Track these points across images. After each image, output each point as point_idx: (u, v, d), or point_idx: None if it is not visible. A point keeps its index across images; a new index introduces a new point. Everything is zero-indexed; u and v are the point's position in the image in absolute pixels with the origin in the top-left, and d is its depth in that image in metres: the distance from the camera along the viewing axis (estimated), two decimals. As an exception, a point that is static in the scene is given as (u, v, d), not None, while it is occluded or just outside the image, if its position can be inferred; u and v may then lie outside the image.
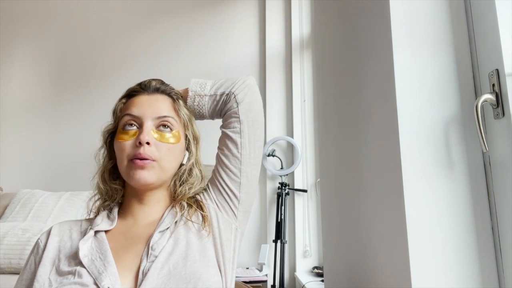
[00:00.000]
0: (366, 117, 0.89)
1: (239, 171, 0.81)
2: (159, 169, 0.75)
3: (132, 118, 0.77)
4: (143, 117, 0.76)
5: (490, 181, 0.69)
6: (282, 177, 2.42)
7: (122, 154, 0.75)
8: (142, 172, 0.73)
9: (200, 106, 0.86)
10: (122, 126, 0.77)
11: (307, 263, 2.32)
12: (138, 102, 0.79)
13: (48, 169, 2.64)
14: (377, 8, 0.82)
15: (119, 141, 0.76)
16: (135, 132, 0.76)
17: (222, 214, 0.80)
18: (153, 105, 0.78)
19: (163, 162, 0.76)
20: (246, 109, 0.83)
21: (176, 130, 0.79)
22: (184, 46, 2.82)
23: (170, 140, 0.77)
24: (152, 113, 0.77)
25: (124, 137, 0.76)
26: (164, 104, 0.80)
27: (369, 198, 0.87)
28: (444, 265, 0.66)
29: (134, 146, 0.74)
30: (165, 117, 0.78)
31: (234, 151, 0.81)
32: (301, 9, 2.66)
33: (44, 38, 2.92)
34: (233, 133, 0.82)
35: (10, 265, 1.69)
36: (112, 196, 0.80)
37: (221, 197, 0.81)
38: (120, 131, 0.77)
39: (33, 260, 0.73)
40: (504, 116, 0.65)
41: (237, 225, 0.81)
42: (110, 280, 0.64)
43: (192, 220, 0.77)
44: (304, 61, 2.58)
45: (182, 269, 0.67)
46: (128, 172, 0.74)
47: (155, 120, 0.77)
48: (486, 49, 0.70)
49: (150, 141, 0.74)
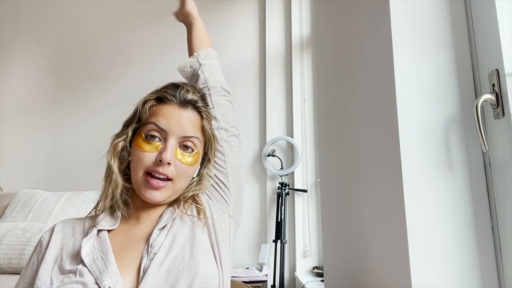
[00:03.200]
0: (366, 117, 0.89)
1: (224, 162, 0.85)
2: (172, 189, 0.75)
3: (158, 129, 0.74)
4: (169, 132, 0.74)
5: (490, 181, 0.69)
6: (282, 177, 2.42)
7: (139, 164, 0.73)
8: (154, 193, 0.73)
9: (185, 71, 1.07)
10: (145, 133, 0.75)
11: (307, 263, 2.32)
12: (167, 113, 0.76)
13: (48, 169, 2.64)
14: (377, 8, 0.82)
15: (140, 150, 0.74)
16: (158, 146, 0.74)
17: (213, 203, 0.82)
18: (182, 121, 0.76)
19: (177, 182, 0.76)
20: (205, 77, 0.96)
21: (196, 151, 0.78)
22: (184, 46, 2.80)
23: (189, 161, 0.77)
24: (179, 131, 0.75)
25: (146, 147, 0.74)
26: (192, 123, 0.78)
27: (369, 198, 0.87)
28: (444, 265, 0.66)
29: (154, 161, 0.73)
30: (190, 138, 0.76)
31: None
32: (301, 9, 2.66)
33: (44, 38, 2.92)
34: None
35: (10, 265, 1.69)
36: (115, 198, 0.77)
37: (211, 188, 0.84)
38: (142, 139, 0.75)
39: (35, 258, 0.74)
40: (504, 116, 0.65)
41: (230, 213, 0.83)
42: (111, 280, 0.65)
43: (188, 213, 0.78)
44: (304, 61, 2.58)
45: (180, 263, 0.68)
46: (141, 186, 0.74)
47: (180, 138, 0.75)
48: (486, 49, 0.70)
49: (171, 161, 0.73)
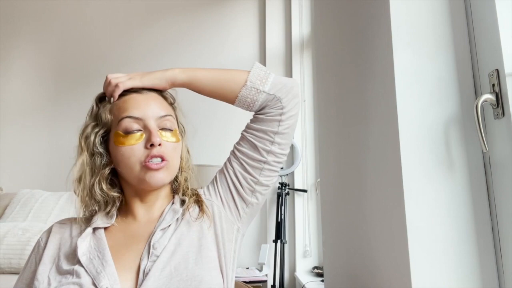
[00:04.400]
0: (366, 117, 0.89)
1: (255, 183, 0.79)
2: (169, 169, 0.74)
3: (134, 120, 0.73)
4: (146, 118, 0.73)
5: (490, 181, 0.69)
6: (282, 177, 2.42)
7: (131, 160, 0.72)
8: (157, 175, 0.72)
9: (253, 101, 0.79)
10: (122, 130, 0.73)
11: (307, 263, 2.32)
12: (134, 102, 0.75)
13: (48, 169, 2.64)
14: (377, 8, 0.82)
15: (125, 147, 0.72)
16: (141, 135, 0.72)
17: (226, 213, 0.79)
18: (151, 104, 0.75)
19: (172, 162, 0.75)
20: (288, 123, 0.79)
21: (175, 128, 0.78)
22: (184, 46, 2.82)
23: (173, 139, 0.76)
24: (154, 113, 0.74)
25: (130, 141, 0.72)
26: (161, 103, 0.78)
27: (369, 198, 0.87)
28: (444, 265, 0.66)
29: (144, 149, 0.72)
30: (165, 116, 0.76)
31: (257, 163, 0.78)
32: (301, 9, 2.66)
33: (44, 38, 2.91)
34: (262, 149, 0.78)
35: (10, 265, 1.69)
36: (111, 203, 0.76)
37: (229, 195, 0.79)
38: (121, 135, 0.72)
39: (33, 259, 0.73)
40: (504, 116, 0.65)
41: (239, 226, 0.80)
42: (109, 280, 0.63)
43: (193, 216, 0.76)
44: (304, 61, 2.58)
45: (183, 270, 0.66)
46: (142, 176, 0.72)
47: (157, 120, 0.75)
48: (486, 49, 0.70)
49: (161, 142, 0.72)
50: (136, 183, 0.74)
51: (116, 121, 0.74)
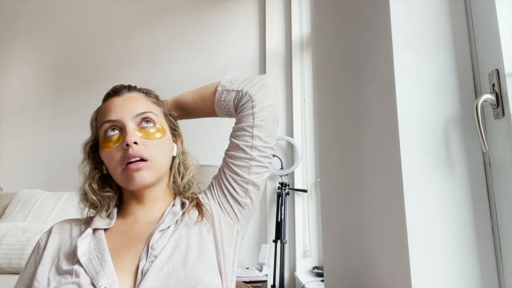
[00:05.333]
0: (366, 117, 0.89)
1: (246, 181, 0.80)
2: (153, 168, 0.74)
3: (112, 123, 0.74)
4: (122, 119, 0.74)
5: (490, 181, 0.69)
6: (282, 177, 2.42)
7: (113, 162, 0.73)
8: (138, 175, 0.72)
9: (227, 102, 0.84)
10: (103, 134, 0.75)
11: (307, 263, 2.32)
12: (112, 106, 0.76)
13: (48, 169, 2.64)
14: (377, 8, 0.82)
15: (106, 150, 0.74)
16: (118, 137, 0.73)
17: (224, 216, 0.80)
18: (128, 104, 0.76)
19: (155, 160, 0.74)
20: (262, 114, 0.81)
21: (159, 124, 0.77)
22: (183, 45, 2.82)
23: (156, 135, 0.76)
24: (130, 113, 0.75)
25: (108, 145, 0.73)
26: (139, 101, 0.78)
27: (369, 198, 0.87)
28: (444, 265, 0.66)
29: (121, 150, 0.72)
30: (144, 113, 0.76)
31: (244, 162, 0.80)
32: (301, 9, 2.66)
33: (44, 38, 2.91)
34: (244, 146, 0.80)
35: (10, 265, 1.69)
36: (106, 204, 0.77)
37: (225, 199, 0.80)
38: (103, 140, 0.75)
39: (33, 260, 0.73)
40: (504, 116, 0.65)
41: (238, 228, 0.80)
42: (108, 280, 0.64)
43: (192, 219, 0.76)
44: (304, 61, 2.58)
45: (181, 271, 0.66)
46: (125, 178, 0.73)
47: (135, 118, 0.75)
48: (486, 49, 0.70)
49: (137, 141, 0.72)
50: (123, 184, 0.75)
51: (98, 128, 0.77)
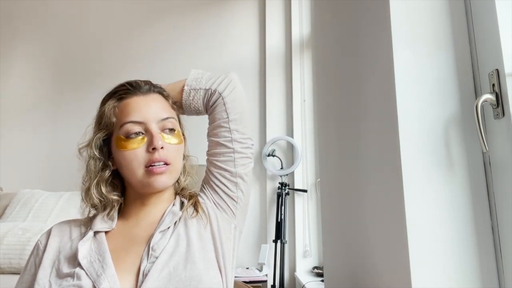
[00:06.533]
0: (366, 117, 0.89)
1: (234, 174, 0.82)
2: (174, 172, 0.75)
3: (136, 124, 0.73)
4: (147, 121, 0.74)
5: (490, 181, 0.69)
6: (282, 177, 2.42)
7: (133, 164, 0.72)
8: (160, 178, 0.72)
9: (197, 101, 0.85)
10: (124, 134, 0.73)
11: (307, 263, 2.32)
12: (135, 105, 0.75)
13: (48, 169, 2.64)
14: (377, 8, 0.82)
15: (128, 151, 0.72)
16: (142, 138, 0.73)
17: (221, 213, 0.80)
18: (152, 107, 0.76)
19: (176, 164, 0.76)
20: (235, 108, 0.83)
21: (177, 130, 0.79)
22: (183, 46, 2.82)
23: (176, 141, 0.77)
24: (155, 116, 0.75)
25: (132, 145, 0.72)
26: (162, 104, 0.78)
27: (369, 198, 0.87)
28: (444, 265, 0.66)
29: (145, 152, 0.72)
30: (167, 119, 0.76)
31: (228, 156, 0.82)
32: (301, 9, 2.66)
33: (44, 37, 2.91)
34: (225, 141, 0.82)
35: (10, 265, 1.69)
36: (110, 206, 0.76)
37: (218, 197, 0.81)
38: (123, 140, 0.73)
39: (33, 262, 0.73)
40: (504, 116, 0.65)
41: (236, 223, 0.81)
42: (109, 282, 0.64)
43: (190, 216, 0.77)
44: (304, 61, 2.58)
45: (182, 271, 0.67)
46: (146, 180, 0.72)
47: (159, 123, 0.75)
48: (486, 49, 0.70)
49: (163, 145, 0.73)
50: (139, 186, 0.74)
51: (118, 125, 0.75)
